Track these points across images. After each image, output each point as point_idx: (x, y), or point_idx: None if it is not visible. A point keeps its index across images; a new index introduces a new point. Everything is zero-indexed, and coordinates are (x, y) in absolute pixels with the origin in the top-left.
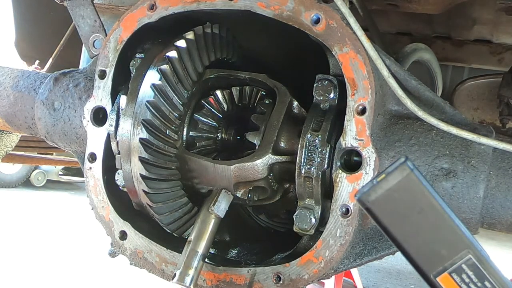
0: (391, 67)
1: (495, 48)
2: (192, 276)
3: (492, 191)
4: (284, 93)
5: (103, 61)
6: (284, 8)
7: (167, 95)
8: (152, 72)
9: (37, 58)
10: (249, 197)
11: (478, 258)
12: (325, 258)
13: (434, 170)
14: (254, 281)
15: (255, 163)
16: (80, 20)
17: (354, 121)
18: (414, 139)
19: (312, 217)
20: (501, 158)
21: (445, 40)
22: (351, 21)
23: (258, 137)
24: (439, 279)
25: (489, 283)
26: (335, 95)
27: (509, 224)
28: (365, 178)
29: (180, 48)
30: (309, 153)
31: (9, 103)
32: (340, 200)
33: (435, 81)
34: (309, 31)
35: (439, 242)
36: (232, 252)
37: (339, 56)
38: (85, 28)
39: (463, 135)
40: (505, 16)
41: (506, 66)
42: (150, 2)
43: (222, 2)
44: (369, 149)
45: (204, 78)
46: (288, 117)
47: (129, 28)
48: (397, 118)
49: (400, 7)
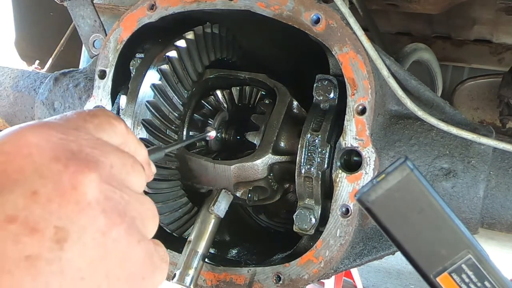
0: (391, 67)
1: (495, 48)
2: (192, 276)
3: (492, 191)
4: (284, 93)
5: (103, 61)
6: (284, 8)
7: (167, 95)
8: (152, 72)
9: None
10: (249, 197)
11: (478, 258)
12: (325, 258)
13: (434, 170)
14: (254, 281)
15: (255, 163)
16: (80, 20)
17: (354, 121)
18: (414, 139)
19: (312, 217)
20: (501, 158)
21: (445, 40)
22: (351, 21)
23: (258, 137)
24: (439, 279)
25: (489, 283)
26: (335, 95)
27: (509, 224)
28: (365, 178)
29: (180, 48)
30: (309, 153)
31: (9, 103)
32: (340, 200)
33: (435, 81)
34: (309, 31)
35: (439, 242)
36: (232, 252)
37: (339, 56)
38: (85, 28)
39: (463, 135)
40: (505, 16)
41: (506, 66)
42: (150, 2)
43: (222, 2)
44: (369, 149)
45: (204, 78)
46: (288, 117)
47: (129, 28)
48: (397, 118)
49: (400, 7)
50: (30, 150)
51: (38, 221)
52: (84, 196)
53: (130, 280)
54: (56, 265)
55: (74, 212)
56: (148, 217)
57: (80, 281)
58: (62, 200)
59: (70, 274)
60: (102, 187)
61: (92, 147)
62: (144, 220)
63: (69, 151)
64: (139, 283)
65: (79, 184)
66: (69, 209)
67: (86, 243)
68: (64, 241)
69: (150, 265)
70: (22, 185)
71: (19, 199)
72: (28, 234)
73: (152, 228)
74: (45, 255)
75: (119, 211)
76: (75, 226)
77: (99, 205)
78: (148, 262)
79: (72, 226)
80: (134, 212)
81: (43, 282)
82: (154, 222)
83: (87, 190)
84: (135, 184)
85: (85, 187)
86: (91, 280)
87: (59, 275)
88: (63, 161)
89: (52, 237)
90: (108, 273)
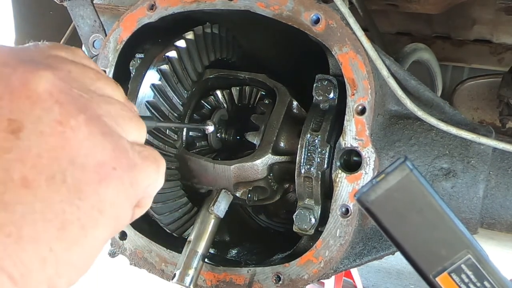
0: (391, 67)
1: (495, 48)
2: (192, 276)
3: (492, 191)
4: (284, 93)
5: (103, 61)
6: (284, 8)
7: (166, 95)
8: (151, 72)
9: None
10: (249, 197)
11: (477, 258)
12: (325, 258)
13: (434, 170)
14: (254, 281)
15: (255, 163)
16: (80, 20)
17: (354, 121)
18: (414, 139)
19: (312, 217)
20: (501, 158)
21: (445, 40)
22: (351, 21)
23: (258, 137)
24: (438, 279)
25: (489, 283)
26: (335, 95)
27: (508, 224)
28: (364, 178)
29: (179, 48)
30: (309, 153)
31: None
32: (339, 200)
33: (435, 81)
34: (308, 31)
35: (439, 242)
36: (232, 252)
37: (338, 56)
38: (85, 28)
39: (463, 135)
40: (505, 16)
41: (506, 66)
42: (150, 2)
43: (222, 2)
44: (368, 149)
45: (204, 78)
46: (288, 117)
47: (129, 28)
48: (397, 118)
49: (400, 7)
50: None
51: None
52: (34, 90)
53: (99, 168)
54: (14, 153)
55: (26, 104)
56: (123, 117)
57: (42, 167)
58: (12, 96)
59: (31, 160)
60: (56, 83)
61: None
62: (116, 119)
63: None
64: (110, 172)
65: (28, 82)
66: (20, 103)
67: (43, 132)
68: (19, 131)
69: (123, 158)
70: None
71: None
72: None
73: (129, 128)
74: (1, 144)
75: (78, 105)
76: (29, 117)
77: (52, 97)
78: (120, 156)
79: (26, 117)
80: (99, 110)
81: (3, 169)
82: (131, 123)
83: (37, 85)
84: (103, 89)
85: (34, 83)
86: (54, 165)
87: (19, 162)
88: (12, 66)
89: (6, 128)
90: (72, 160)
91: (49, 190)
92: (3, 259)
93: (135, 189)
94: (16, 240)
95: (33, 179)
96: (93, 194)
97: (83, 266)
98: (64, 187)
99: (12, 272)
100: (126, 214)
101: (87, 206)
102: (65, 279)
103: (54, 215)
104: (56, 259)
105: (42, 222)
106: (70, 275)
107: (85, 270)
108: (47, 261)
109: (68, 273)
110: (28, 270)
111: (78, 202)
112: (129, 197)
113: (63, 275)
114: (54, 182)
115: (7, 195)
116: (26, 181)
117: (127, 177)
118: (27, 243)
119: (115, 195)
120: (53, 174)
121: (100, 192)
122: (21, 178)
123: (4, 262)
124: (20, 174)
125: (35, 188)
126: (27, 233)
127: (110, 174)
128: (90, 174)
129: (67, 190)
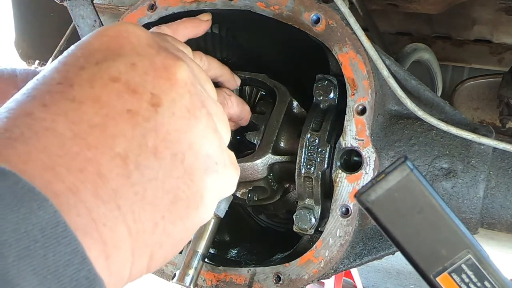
0: (391, 67)
1: (495, 48)
2: (192, 276)
3: (492, 191)
4: (284, 93)
5: None
6: (284, 8)
7: None
8: None
9: (37, 58)
10: (249, 197)
11: (478, 258)
12: (325, 258)
13: (434, 170)
14: (254, 281)
15: (255, 163)
16: (80, 20)
17: (354, 121)
18: (414, 139)
19: (312, 217)
20: (501, 158)
21: (445, 40)
22: (351, 21)
23: (258, 137)
24: (438, 279)
25: (489, 283)
26: (335, 95)
27: (509, 224)
28: (365, 178)
29: None
30: (309, 153)
31: None
32: (340, 200)
33: (435, 81)
34: (309, 31)
35: (439, 242)
36: (232, 252)
37: (339, 56)
38: (85, 28)
39: (463, 135)
40: (505, 16)
41: (506, 66)
42: (150, 2)
43: (222, 2)
44: (369, 149)
45: None
46: (288, 117)
47: None
48: (397, 118)
49: (400, 7)
50: (129, 34)
51: (137, 85)
52: (175, 75)
53: (207, 159)
54: (151, 123)
55: (166, 85)
56: (223, 121)
57: (170, 143)
58: (156, 74)
59: (162, 134)
60: (189, 75)
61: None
62: (219, 121)
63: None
64: (213, 166)
65: (170, 66)
66: (162, 82)
67: (175, 113)
68: (158, 106)
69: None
70: (123, 57)
71: (121, 66)
72: (130, 93)
73: (225, 133)
74: (143, 113)
75: (200, 100)
76: (167, 96)
77: (186, 86)
78: (221, 154)
79: (164, 96)
80: (211, 109)
81: (140, 134)
82: (227, 128)
83: (177, 71)
84: (211, 92)
85: (175, 68)
86: (177, 144)
87: (153, 132)
88: (156, 48)
89: (148, 100)
90: (190, 145)
91: (171, 164)
92: (126, 213)
93: (224, 187)
94: (140, 198)
95: (161, 151)
96: (200, 180)
97: (178, 245)
98: (182, 166)
99: (131, 226)
100: (212, 208)
101: (194, 189)
102: (163, 252)
103: (171, 187)
104: (164, 228)
105: (162, 191)
106: (167, 249)
107: (175, 252)
108: (158, 227)
109: (167, 246)
110: (143, 230)
111: (190, 183)
112: (219, 193)
113: (163, 247)
114: (176, 159)
115: (141, 157)
116: (156, 151)
117: (222, 174)
118: (148, 205)
119: (214, 187)
120: (176, 152)
121: (204, 180)
122: (153, 146)
123: (127, 215)
124: (153, 143)
125: (161, 159)
126: (149, 196)
127: (213, 167)
128: (200, 162)
129: (183, 169)
